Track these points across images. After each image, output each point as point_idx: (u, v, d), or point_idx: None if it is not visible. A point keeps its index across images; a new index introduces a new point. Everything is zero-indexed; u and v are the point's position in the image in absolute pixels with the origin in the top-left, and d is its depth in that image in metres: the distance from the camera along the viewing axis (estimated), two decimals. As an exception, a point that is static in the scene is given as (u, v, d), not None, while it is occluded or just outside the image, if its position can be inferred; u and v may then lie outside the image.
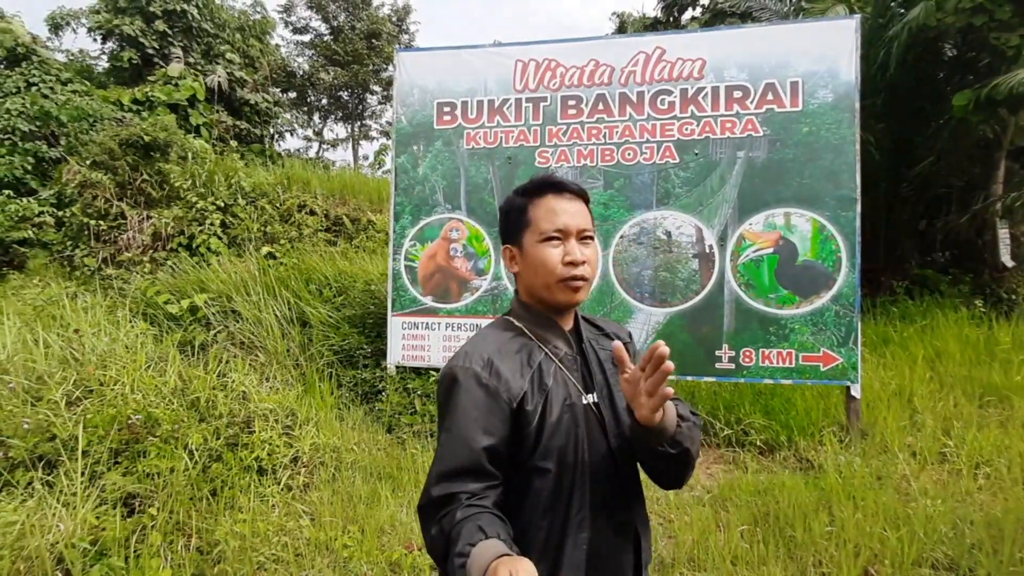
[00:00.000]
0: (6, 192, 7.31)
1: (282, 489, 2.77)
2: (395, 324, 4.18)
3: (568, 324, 1.09)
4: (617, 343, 0.94)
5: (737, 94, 3.80)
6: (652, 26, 11.46)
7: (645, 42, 4.02)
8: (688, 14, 10.98)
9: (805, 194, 3.65)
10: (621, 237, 3.96)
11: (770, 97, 3.73)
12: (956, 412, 3.57)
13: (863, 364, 4.41)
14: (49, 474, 2.21)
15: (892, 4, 6.37)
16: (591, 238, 1.05)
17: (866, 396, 3.77)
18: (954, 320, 5.09)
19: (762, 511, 2.59)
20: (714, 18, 8.88)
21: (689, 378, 3.85)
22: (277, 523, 2.47)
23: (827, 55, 3.57)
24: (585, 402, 1.02)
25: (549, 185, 1.04)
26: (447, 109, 4.24)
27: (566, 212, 1.02)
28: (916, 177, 6.77)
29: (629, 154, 3.97)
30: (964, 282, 6.76)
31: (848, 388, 3.50)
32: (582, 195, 1.06)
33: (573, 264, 0.99)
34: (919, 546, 2.17)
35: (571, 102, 4.07)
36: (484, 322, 4.14)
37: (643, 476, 1.09)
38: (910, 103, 6.55)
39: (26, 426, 2.32)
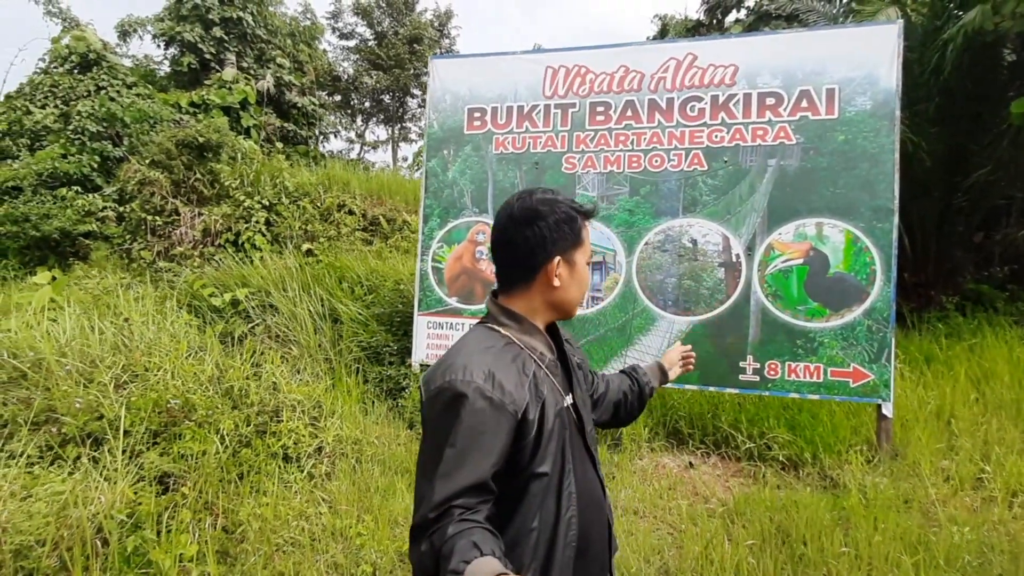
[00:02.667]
0: (74, 188, 7.89)
1: (305, 476, 2.92)
2: (421, 323, 4.30)
3: (545, 330, 1.13)
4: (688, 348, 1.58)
5: (770, 101, 3.72)
6: (694, 29, 11.27)
7: (676, 48, 4.00)
8: (732, 16, 10.74)
9: (839, 204, 3.54)
10: (646, 244, 3.94)
11: (804, 104, 3.64)
12: (998, 437, 3.38)
13: (900, 381, 4.24)
14: (95, 450, 2.42)
15: (949, 5, 6.05)
16: None
17: (901, 415, 3.62)
18: (1005, 339, 4.80)
19: (775, 527, 2.54)
20: (758, 20, 8.66)
21: (711, 388, 3.79)
22: (298, 508, 2.61)
23: (866, 61, 3.46)
24: (566, 404, 1.07)
25: (593, 212, 1.13)
26: (477, 115, 4.34)
27: None
28: (972, 187, 6.39)
29: (656, 161, 3.95)
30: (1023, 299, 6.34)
31: (879, 406, 3.37)
32: None
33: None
34: (937, 573, 2.08)
35: (600, 108, 4.08)
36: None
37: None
38: (966, 109, 6.19)
39: (78, 405, 2.53)
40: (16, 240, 7.22)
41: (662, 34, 13.00)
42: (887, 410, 3.32)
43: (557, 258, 1.05)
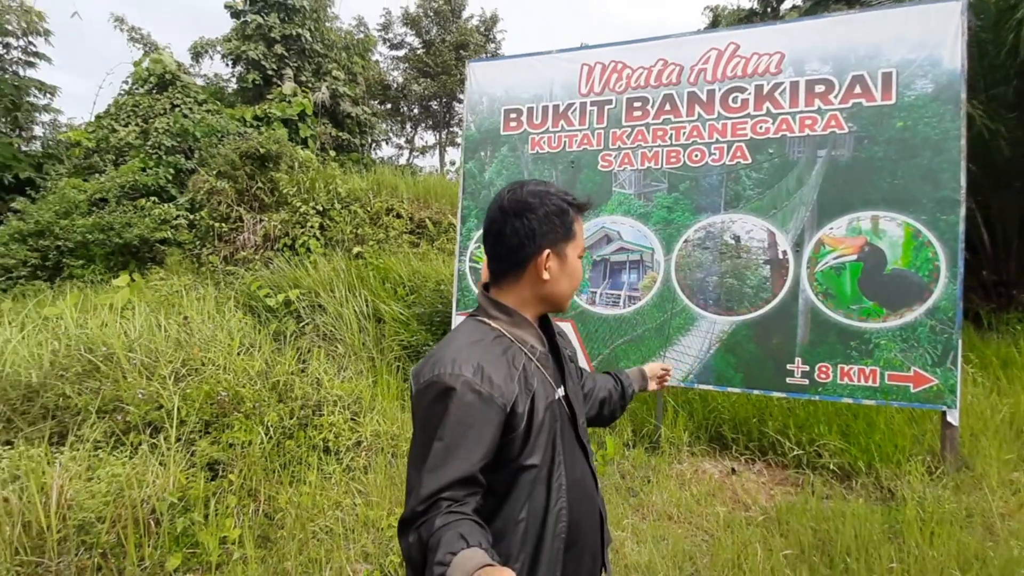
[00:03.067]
0: (152, 198, 8.60)
1: (343, 469, 3.04)
2: (459, 322, 4.36)
3: (536, 323, 1.13)
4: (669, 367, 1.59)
5: (819, 88, 3.52)
6: (747, 18, 10.80)
7: (717, 38, 3.86)
8: (788, 3, 10.21)
9: (897, 196, 3.29)
10: (685, 241, 3.82)
11: (858, 90, 3.41)
12: (1087, 451, 3.02)
13: (971, 387, 3.88)
14: (154, 437, 2.63)
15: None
16: None
17: (971, 423, 3.32)
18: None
19: (819, 538, 2.39)
20: (816, 6, 8.18)
21: (756, 392, 3.62)
22: (334, 499, 2.72)
23: (926, 42, 3.20)
24: (557, 396, 1.07)
25: (586, 206, 1.12)
26: (513, 115, 4.37)
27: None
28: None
29: (696, 155, 3.83)
30: None
31: (944, 413, 3.10)
32: None
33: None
34: (999, 596, 1.89)
35: (636, 103, 4.00)
36: (544, 324, 4.22)
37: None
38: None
39: (140, 396, 2.77)
40: (103, 247, 7.95)
41: (713, 26, 12.56)
42: (952, 418, 3.04)
43: (547, 251, 1.04)
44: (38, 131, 12.32)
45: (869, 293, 3.36)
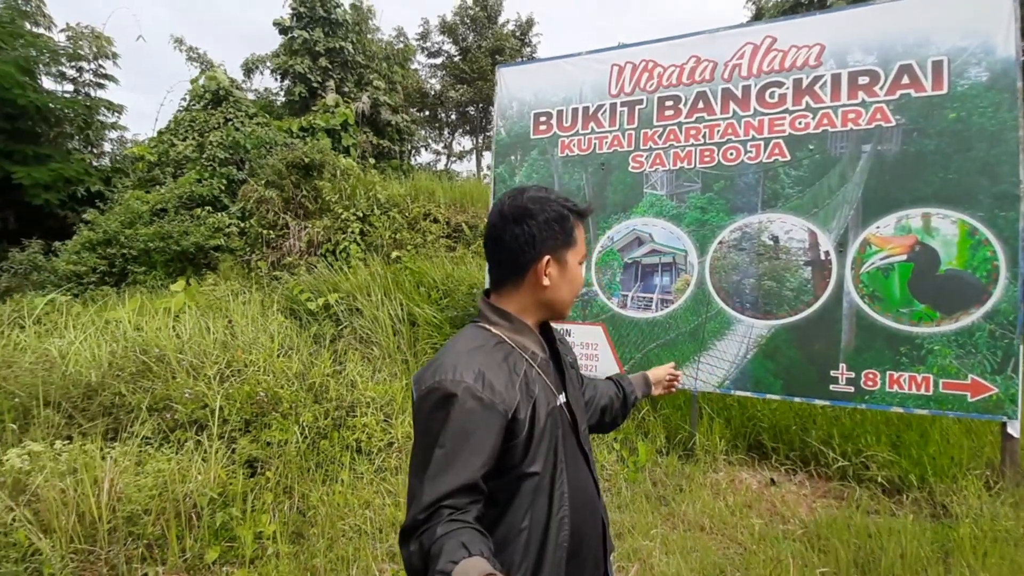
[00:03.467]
0: (207, 208, 9.11)
1: (375, 469, 3.11)
2: (489, 326, 4.40)
3: (537, 329, 1.12)
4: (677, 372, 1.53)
5: (863, 80, 3.34)
6: (792, 9, 10.38)
7: (753, 32, 3.73)
8: (836, -9, 9.74)
9: (951, 191, 3.08)
10: (720, 243, 3.71)
11: (905, 80, 3.22)
12: None
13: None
14: (198, 435, 2.78)
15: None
16: None
17: (1039, 438, 3.04)
18: None
19: (861, 556, 2.26)
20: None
21: (797, 399, 3.46)
22: (365, 498, 2.79)
23: (979, 28, 2.98)
24: (558, 403, 1.06)
25: (585, 213, 1.12)
26: (543, 119, 4.37)
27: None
28: None
29: (731, 154, 3.71)
30: None
31: (1004, 424, 2.87)
32: None
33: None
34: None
35: (668, 103, 3.92)
36: (575, 328, 4.17)
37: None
38: None
39: (187, 395, 2.94)
40: (163, 254, 8.49)
41: (756, 19, 12.13)
42: (1013, 429, 2.81)
43: (546, 257, 1.04)
44: (107, 147, 13.30)
45: (921, 295, 3.15)
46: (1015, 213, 2.88)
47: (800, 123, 3.52)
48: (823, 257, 3.44)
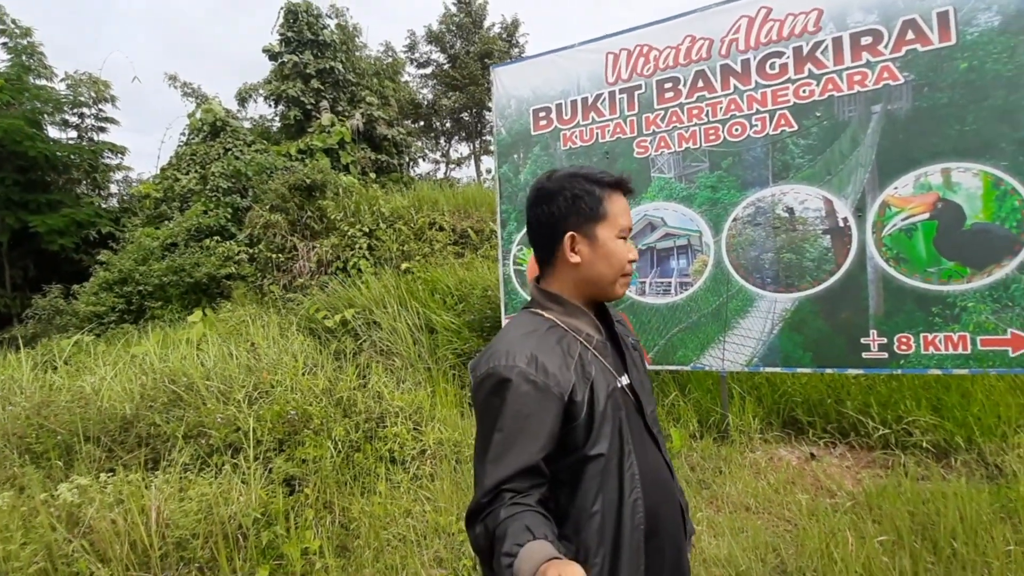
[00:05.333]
0: (215, 238, 9.20)
1: (410, 477, 3.10)
2: (509, 326, 4.38)
3: (592, 311, 1.11)
4: None
5: (866, 40, 3.28)
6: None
7: (747, 4, 3.68)
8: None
9: (969, 144, 3.01)
10: (734, 220, 3.66)
11: (910, 36, 3.16)
12: None
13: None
14: (234, 458, 2.79)
15: None
16: None
17: (1087, 387, 2.96)
18: None
19: (917, 522, 2.20)
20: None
21: (829, 370, 3.39)
22: (404, 507, 2.78)
23: (984, -29, 2.92)
24: (620, 385, 1.04)
25: (619, 183, 1.06)
26: (542, 114, 4.35)
27: (629, 213, 1.07)
28: None
29: (737, 130, 3.67)
30: None
31: (1051, 377, 2.79)
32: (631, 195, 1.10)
33: (632, 262, 1.06)
34: None
35: (667, 85, 3.89)
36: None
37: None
38: None
39: (219, 420, 2.95)
40: (177, 287, 8.58)
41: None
42: (1062, 380, 2.73)
43: (569, 234, 1.03)
44: (114, 188, 13.51)
45: (948, 253, 3.08)
46: (1040, 158, 2.80)
47: (804, 91, 3.47)
48: (841, 224, 3.38)
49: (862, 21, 3.29)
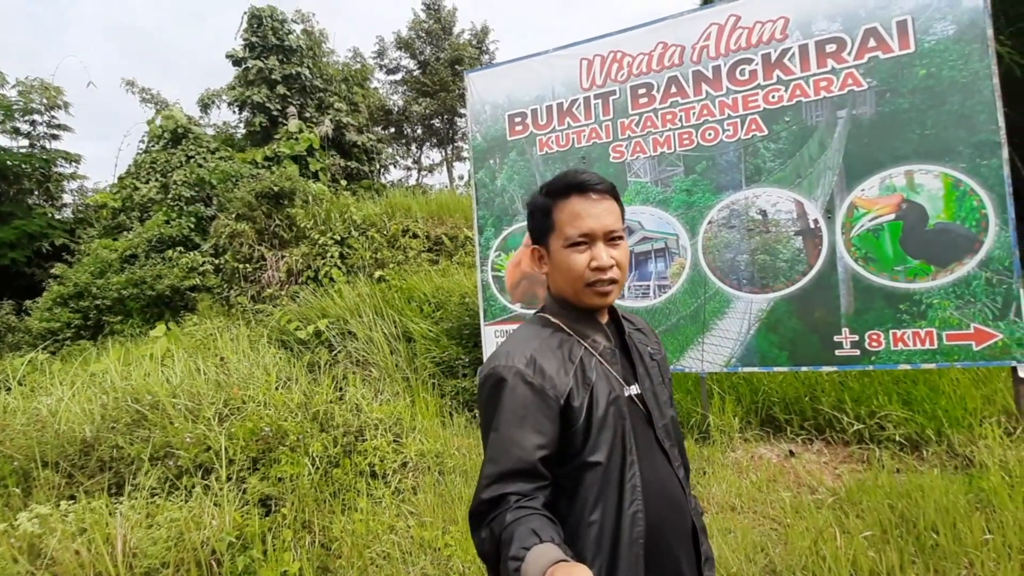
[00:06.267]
0: (178, 248, 8.85)
1: (392, 492, 3.01)
2: (488, 333, 4.33)
3: (604, 318, 1.09)
4: None
5: (830, 48, 3.39)
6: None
7: (716, 13, 3.77)
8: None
9: (930, 147, 3.14)
10: (709, 223, 3.72)
11: (872, 44, 3.28)
12: None
13: (1039, 339, 3.64)
14: (205, 479, 2.65)
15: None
16: (620, 238, 1.02)
17: (1044, 377, 3.10)
18: None
19: (898, 515, 2.25)
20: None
21: (804, 368, 3.47)
22: (387, 523, 2.69)
23: (939, -18, 3.06)
24: (627, 394, 1.01)
25: (573, 186, 1.01)
26: (518, 119, 4.34)
27: (591, 215, 0.99)
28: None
29: (710, 134, 3.73)
30: None
31: (1014, 369, 2.91)
32: (610, 192, 1.03)
33: (600, 269, 0.99)
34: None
35: (641, 90, 3.93)
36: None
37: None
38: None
39: (188, 440, 2.80)
40: (137, 300, 8.20)
41: (708, 3, 12.38)
42: (1024, 372, 2.85)
43: (532, 247, 1.08)
44: (67, 199, 12.86)
45: (913, 251, 3.20)
46: (997, 160, 2.94)
47: (773, 96, 3.56)
48: (812, 225, 3.47)
49: (826, 29, 3.40)
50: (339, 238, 8.34)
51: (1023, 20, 4.83)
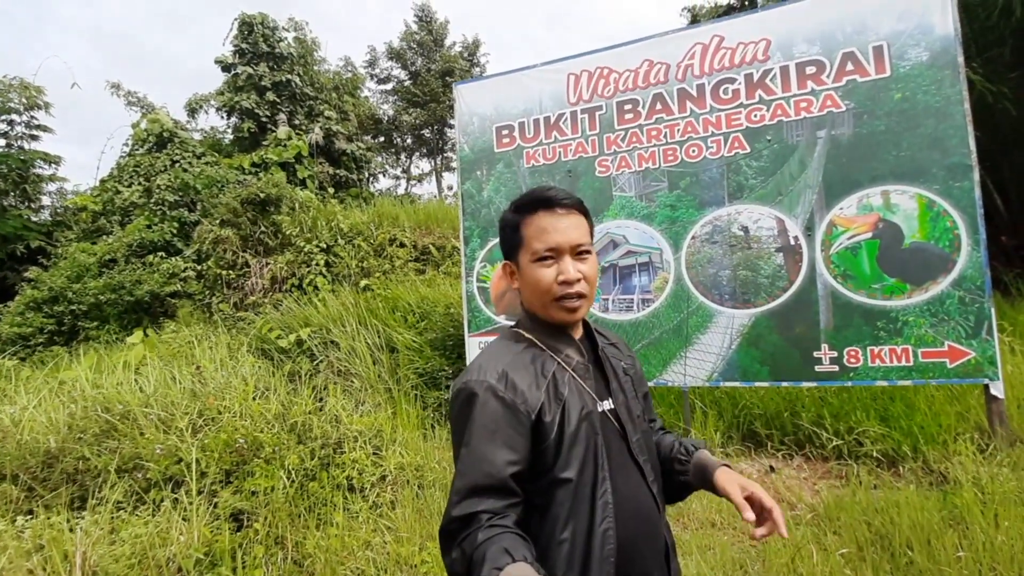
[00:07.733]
0: (159, 254, 8.70)
1: (369, 506, 2.95)
2: (472, 344, 4.31)
3: (578, 333, 1.09)
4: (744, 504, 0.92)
5: (810, 70, 3.48)
6: (726, 13, 10.87)
7: (700, 32, 3.84)
8: (765, -7, 10.25)
9: (905, 168, 3.22)
10: (692, 238, 3.76)
11: (850, 67, 3.37)
12: None
13: (1011, 356, 3.73)
14: (175, 492, 2.57)
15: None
16: (588, 252, 1.03)
17: (1016, 394, 3.17)
18: None
19: (874, 532, 2.26)
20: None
21: (785, 384, 3.50)
22: (363, 538, 2.63)
23: (913, 10, 3.16)
24: (601, 409, 1.01)
25: (540, 201, 1.02)
26: (505, 132, 4.37)
27: (557, 230, 1.00)
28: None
29: (693, 151, 3.79)
30: None
31: (986, 386, 2.96)
32: (577, 207, 1.03)
33: (567, 283, 0.99)
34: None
35: (627, 107, 3.99)
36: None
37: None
38: (1051, 45, 5.50)
39: (159, 451, 2.72)
40: (115, 306, 8.03)
41: (693, 24, 12.64)
42: (996, 390, 2.90)
43: (503, 263, 1.09)
44: (46, 201, 12.61)
45: (889, 270, 3.26)
46: (969, 182, 3.02)
47: (756, 116, 3.63)
48: (793, 242, 3.52)
49: (806, 52, 3.49)
50: (325, 246, 8.27)
51: (993, 49, 5.01)
